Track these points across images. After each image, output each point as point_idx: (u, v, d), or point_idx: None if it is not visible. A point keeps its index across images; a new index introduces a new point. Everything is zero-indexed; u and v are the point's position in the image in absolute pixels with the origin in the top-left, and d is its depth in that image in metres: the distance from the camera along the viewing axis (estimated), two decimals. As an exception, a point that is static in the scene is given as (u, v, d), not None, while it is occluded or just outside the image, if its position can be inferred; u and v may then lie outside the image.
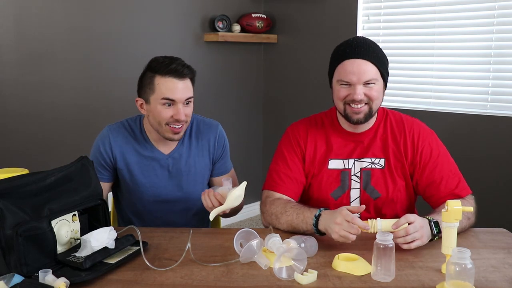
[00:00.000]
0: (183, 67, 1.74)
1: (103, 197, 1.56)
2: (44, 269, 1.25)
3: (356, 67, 1.63)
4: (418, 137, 1.74)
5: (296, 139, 1.80)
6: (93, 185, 1.54)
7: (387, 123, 1.78)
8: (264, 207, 1.73)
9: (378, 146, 1.75)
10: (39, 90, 2.92)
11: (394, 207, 1.76)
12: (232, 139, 2.19)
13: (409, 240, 1.43)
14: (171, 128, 1.76)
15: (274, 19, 4.10)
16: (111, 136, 1.86)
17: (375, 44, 1.71)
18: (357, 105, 1.65)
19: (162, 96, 1.73)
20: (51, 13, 2.92)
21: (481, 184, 3.16)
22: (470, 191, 1.72)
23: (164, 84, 1.72)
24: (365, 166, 1.74)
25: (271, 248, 1.40)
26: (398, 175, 1.73)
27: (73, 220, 1.44)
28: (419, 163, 1.72)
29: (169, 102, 1.73)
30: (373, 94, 1.65)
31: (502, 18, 3.07)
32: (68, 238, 1.42)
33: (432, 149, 1.73)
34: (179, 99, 1.73)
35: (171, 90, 1.72)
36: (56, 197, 1.41)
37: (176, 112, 1.74)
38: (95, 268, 1.32)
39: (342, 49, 1.69)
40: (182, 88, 1.74)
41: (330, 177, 1.75)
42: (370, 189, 1.73)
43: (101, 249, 1.37)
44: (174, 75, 1.72)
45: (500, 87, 3.13)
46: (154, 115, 1.77)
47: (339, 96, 1.68)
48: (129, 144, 1.87)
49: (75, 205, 1.45)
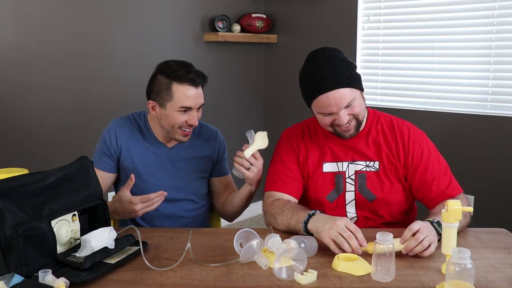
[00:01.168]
0: (198, 76, 1.82)
1: (103, 197, 1.57)
2: (44, 269, 1.25)
3: (332, 99, 1.60)
4: (408, 139, 1.74)
5: (291, 142, 1.82)
6: (93, 185, 1.54)
7: (378, 127, 1.78)
8: (266, 207, 1.73)
9: (371, 149, 1.75)
10: (39, 90, 2.92)
11: (392, 208, 1.74)
12: (232, 140, 2.19)
13: (427, 244, 1.40)
14: (182, 131, 1.84)
15: (274, 19, 4.10)
16: (117, 128, 1.92)
17: (337, 59, 1.64)
18: (345, 125, 1.65)
19: (180, 105, 1.79)
20: (51, 13, 2.92)
21: (481, 184, 3.16)
22: (461, 190, 1.71)
23: (183, 93, 1.79)
24: (359, 169, 1.74)
25: (271, 248, 1.40)
26: (393, 178, 1.73)
27: (73, 220, 1.44)
28: (411, 165, 1.72)
29: (185, 109, 1.80)
30: (356, 111, 1.65)
31: (502, 18, 3.07)
32: (68, 238, 1.42)
33: (423, 151, 1.73)
34: (195, 106, 1.82)
35: (189, 98, 1.79)
36: (56, 197, 1.41)
37: (191, 118, 1.82)
38: (95, 268, 1.32)
39: (310, 86, 1.64)
40: (197, 95, 1.82)
41: (325, 180, 1.75)
42: (365, 191, 1.73)
43: (101, 249, 1.37)
44: (192, 83, 1.80)
45: (500, 87, 3.13)
46: (168, 119, 1.83)
47: (324, 124, 1.69)
48: (134, 136, 1.93)
49: (75, 205, 1.45)
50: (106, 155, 1.91)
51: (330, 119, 1.66)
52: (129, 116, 1.97)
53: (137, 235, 1.43)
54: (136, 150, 1.92)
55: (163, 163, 1.93)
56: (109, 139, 1.91)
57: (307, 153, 1.79)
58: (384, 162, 1.73)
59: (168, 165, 1.93)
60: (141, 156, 1.91)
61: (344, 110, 1.62)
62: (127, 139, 1.92)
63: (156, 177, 1.91)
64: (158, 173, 1.92)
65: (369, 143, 1.75)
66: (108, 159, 1.92)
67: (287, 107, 4.10)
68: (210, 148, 2.00)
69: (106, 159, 1.91)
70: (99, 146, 1.93)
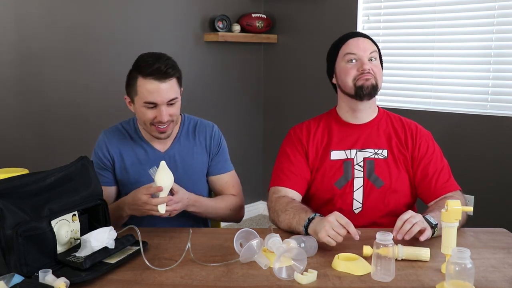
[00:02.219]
0: (166, 67, 1.69)
1: (103, 197, 1.56)
2: (44, 269, 1.25)
3: (361, 43, 1.79)
4: (416, 133, 1.82)
5: (298, 137, 1.85)
6: (93, 185, 1.54)
7: (388, 120, 1.85)
8: (270, 203, 1.76)
9: (381, 138, 1.80)
10: (39, 90, 2.92)
11: (398, 197, 1.77)
12: (232, 139, 2.19)
13: (417, 227, 1.44)
14: (156, 127, 1.77)
15: (274, 19, 4.10)
16: (106, 139, 1.88)
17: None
18: (367, 73, 1.74)
19: (144, 100, 1.71)
20: (51, 13, 2.92)
21: (481, 184, 3.16)
22: (459, 187, 1.76)
23: (145, 87, 1.70)
24: (368, 156, 1.78)
25: (271, 248, 1.40)
26: (401, 166, 1.77)
27: (73, 220, 1.44)
28: (417, 156, 1.78)
29: (151, 105, 1.73)
30: (376, 71, 1.76)
31: (502, 18, 3.08)
32: (68, 238, 1.42)
33: (429, 145, 1.80)
34: (161, 102, 1.71)
35: (153, 93, 1.69)
36: (56, 197, 1.41)
37: (158, 114, 1.72)
38: (95, 268, 1.32)
39: (343, 36, 1.85)
40: (164, 90, 1.70)
41: (333, 167, 1.78)
42: (374, 177, 1.76)
43: (101, 249, 1.37)
44: (156, 77, 1.68)
45: (500, 87, 3.13)
46: (139, 115, 1.79)
47: (349, 74, 1.77)
48: (125, 144, 1.88)
49: (75, 205, 1.45)
50: (102, 168, 1.86)
51: (354, 67, 1.76)
52: (117, 126, 1.92)
53: (137, 235, 1.44)
54: (129, 159, 1.87)
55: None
56: (101, 152, 1.87)
57: (317, 141, 1.83)
58: (393, 150, 1.78)
59: None
60: (135, 165, 1.87)
61: (368, 61, 1.76)
62: (118, 149, 1.87)
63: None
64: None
65: (380, 132, 1.81)
66: (104, 172, 1.87)
67: (287, 107, 4.10)
68: (206, 144, 1.93)
69: (103, 172, 1.86)
70: (95, 163, 1.83)
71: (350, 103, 1.80)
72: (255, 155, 4.25)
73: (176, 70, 1.74)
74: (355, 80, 1.74)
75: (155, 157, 1.87)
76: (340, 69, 1.80)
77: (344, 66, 1.78)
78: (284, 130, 1.90)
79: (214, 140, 1.95)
